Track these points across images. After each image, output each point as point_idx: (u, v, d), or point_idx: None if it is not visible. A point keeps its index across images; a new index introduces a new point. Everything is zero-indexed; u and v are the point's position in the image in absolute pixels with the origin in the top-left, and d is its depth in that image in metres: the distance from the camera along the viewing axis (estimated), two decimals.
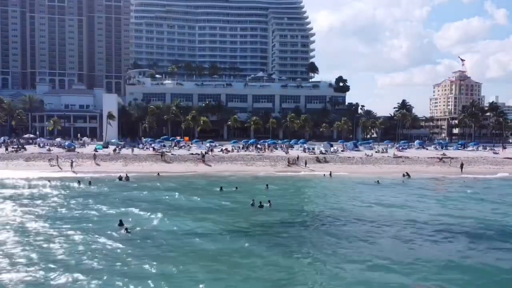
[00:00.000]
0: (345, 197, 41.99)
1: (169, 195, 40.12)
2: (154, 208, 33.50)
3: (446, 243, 26.08)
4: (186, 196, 39.63)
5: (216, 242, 25.07)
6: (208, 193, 41.90)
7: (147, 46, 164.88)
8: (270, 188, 44.67)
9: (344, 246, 24.92)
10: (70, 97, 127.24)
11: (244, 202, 36.72)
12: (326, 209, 35.65)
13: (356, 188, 47.60)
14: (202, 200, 38.00)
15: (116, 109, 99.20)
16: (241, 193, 41.41)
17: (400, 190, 46.14)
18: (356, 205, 37.18)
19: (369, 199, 39.94)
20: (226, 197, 39.45)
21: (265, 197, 36.71)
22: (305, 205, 37.91)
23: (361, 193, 44.05)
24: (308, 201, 40.37)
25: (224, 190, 43.00)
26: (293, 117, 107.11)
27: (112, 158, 64.80)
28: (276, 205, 35.19)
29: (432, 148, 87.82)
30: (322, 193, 45.21)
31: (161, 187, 45.28)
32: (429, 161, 67.61)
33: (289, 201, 38.88)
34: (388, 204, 37.64)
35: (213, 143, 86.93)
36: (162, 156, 65.09)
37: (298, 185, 49.93)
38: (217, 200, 37.99)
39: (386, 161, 67.56)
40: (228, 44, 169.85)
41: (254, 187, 45.65)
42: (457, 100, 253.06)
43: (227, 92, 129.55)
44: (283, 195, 41.46)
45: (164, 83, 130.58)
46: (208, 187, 45.97)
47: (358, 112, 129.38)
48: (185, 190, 42.87)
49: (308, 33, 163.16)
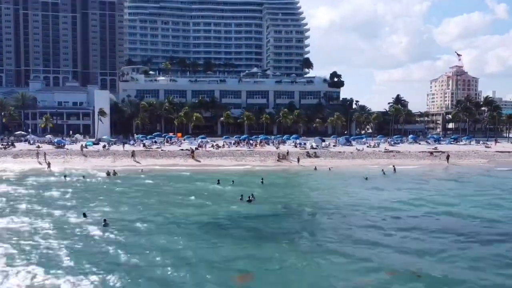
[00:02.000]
0: (328, 190, 42.14)
1: (145, 189, 40.07)
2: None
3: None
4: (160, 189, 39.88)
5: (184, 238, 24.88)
6: (188, 188, 41.76)
7: (141, 42, 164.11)
8: (252, 181, 44.63)
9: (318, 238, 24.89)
10: (63, 94, 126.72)
11: (229, 194, 36.70)
12: (307, 201, 35.82)
13: (340, 180, 47.49)
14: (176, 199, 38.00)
15: (108, 105, 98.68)
16: (227, 185, 41.38)
17: (380, 183, 46.05)
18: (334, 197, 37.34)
19: (347, 190, 40.55)
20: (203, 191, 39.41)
21: (257, 192, 36.78)
22: (286, 199, 37.56)
23: (346, 186, 43.98)
24: (289, 195, 39.68)
25: (208, 185, 42.93)
26: (286, 113, 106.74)
27: (101, 154, 64.50)
28: (259, 199, 35.03)
29: (424, 143, 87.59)
30: (306, 187, 45.16)
31: (141, 182, 45.16)
32: (419, 155, 67.41)
33: (272, 194, 38.69)
34: (360, 196, 38.16)
35: (204, 139, 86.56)
36: (151, 151, 64.85)
37: (284, 179, 49.68)
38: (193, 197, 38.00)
39: (376, 155, 67.34)
40: (223, 40, 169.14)
41: (243, 180, 45.43)
42: (454, 95, 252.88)
43: (221, 88, 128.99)
44: (269, 188, 41.25)
45: (158, 80, 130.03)
46: (189, 181, 45.86)
47: (353, 108, 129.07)
48: (160, 185, 42.99)
49: (303, 29, 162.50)
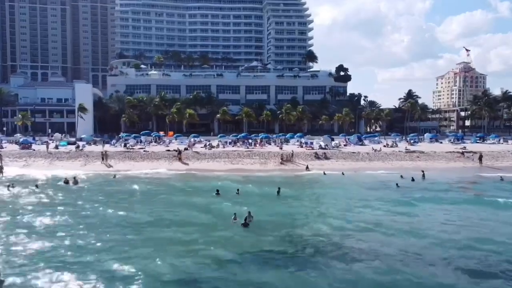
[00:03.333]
0: (353, 207, 30.66)
1: (101, 210, 29.14)
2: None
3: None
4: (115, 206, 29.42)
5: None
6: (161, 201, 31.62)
7: (133, 35, 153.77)
8: (248, 191, 34.51)
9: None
10: (47, 90, 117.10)
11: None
12: (324, 229, 24.14)
13: (363, 190, 37.01)
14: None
15: (91, 101, 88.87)
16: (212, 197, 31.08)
17: (418, 196, 34.19)
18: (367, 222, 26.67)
19: (380, 207, 29.52)
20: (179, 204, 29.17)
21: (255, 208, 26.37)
22: (293, 221, 26.37)
23: (368, 200, 32.89)
24: (297, 216, 27.90)
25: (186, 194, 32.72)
26: (289, 109, 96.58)
27: (71, 156, 54.46)
28: (257, 222, 24.78)
29: (447, 142, 77.45)
30: (319, 199, 34.69)
31: (105, 194, 34.90)
32: (448, 156, 57.16)
33: (272, 215, 27.98)
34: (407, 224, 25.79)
35: (197, 138, 76.67)
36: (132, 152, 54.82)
37: (289, 187, 39.28)
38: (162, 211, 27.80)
39: (397, 156, 57.13)
40: (221, 33, 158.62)
41: (234, 190, 35.24)
42: (462, 93, 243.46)
43: (218, 83, 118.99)
44: (266, 206, 30.93)
45: (149, 74, 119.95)
46: (169, 191, 35.68)
47: (361, 104, 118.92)
48: (128, 200, 32.72)
49: (306, 20, 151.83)
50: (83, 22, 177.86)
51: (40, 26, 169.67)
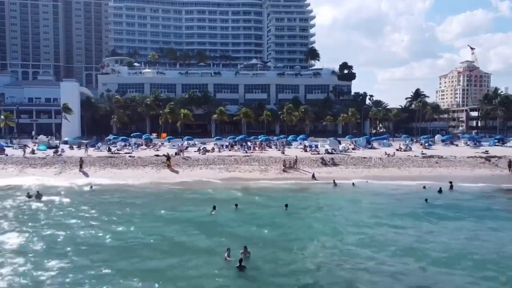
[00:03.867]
0: (386, 240, 23.82)
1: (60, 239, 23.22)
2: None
3: None
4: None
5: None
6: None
7: (127, 32, 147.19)
8: (248, 205, 28.35)
9: None
10: (35, 89, 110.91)
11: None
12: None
13: (387, 210, 30.64)
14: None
15: (77, 100, 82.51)
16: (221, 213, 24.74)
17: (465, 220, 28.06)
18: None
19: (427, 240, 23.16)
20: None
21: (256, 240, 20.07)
22: (307, 262, 19.44)
23: (397, 225, 26.54)
24: (310, 252, 20.85)
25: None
26: (290, 108, 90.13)
27: (46, 162, 48.15)
28: (257, 260, 18.49)
29: (462, 144, 71.17)
30: (333, 223, 27.70)
31: (71, 215, 28.59)
32: (471, 162, 50.88)
33: (276, 246, 21.53)
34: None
35: (191, 140, 70.37)
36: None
37: (295, 202, 32.93)
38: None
39: (414, 162, 50.80)
40: (219, 30, 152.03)
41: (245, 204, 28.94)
42: (467, 92, 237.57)
43: (215, 82, 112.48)
44: (269, 228, 24.63)
45: (143, 72, 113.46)
46: (150, 207, 29.40)
47: (366, 103, 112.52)
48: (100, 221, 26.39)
49: (307, 16, 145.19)
50: (76, 19, 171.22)
51: (31, 23, 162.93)
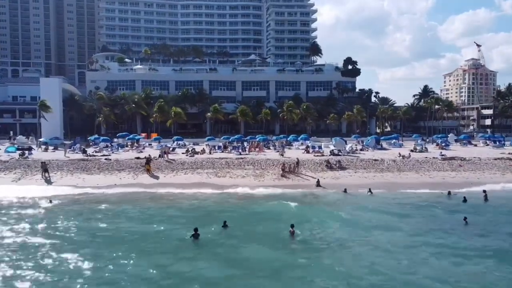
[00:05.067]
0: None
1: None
2: None
3: None
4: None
5: None
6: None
7: (120, 28, 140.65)
8: (241, 223, 21.38)
9: None
10: (19, 88, 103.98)
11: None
12: None
13: (417, 231, 23.71)
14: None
15: (58, 97, 75.73)
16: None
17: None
18: None
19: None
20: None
21: None
22: None
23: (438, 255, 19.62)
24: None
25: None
26: (291, 106, 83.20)
27: (7, 167, 41.42)
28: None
29: (481, 144, 64.30)
30: (354, 257, 20.88)
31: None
32: (499, 165, 43.99)
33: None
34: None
35: (181, 141, 63.58)
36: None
37: (300, 220, 25.92)
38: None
39: (434, 165, 43.90)
40: (216, 25, 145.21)
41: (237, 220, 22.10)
42: (472, 90, 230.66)
43: (211, 79, 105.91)
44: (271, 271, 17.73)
45: (134, 69, 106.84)
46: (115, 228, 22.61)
47: (372, 101, 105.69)
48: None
49: (309, 10, 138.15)
50: (69, 16, 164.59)
51: (21, 20, 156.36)
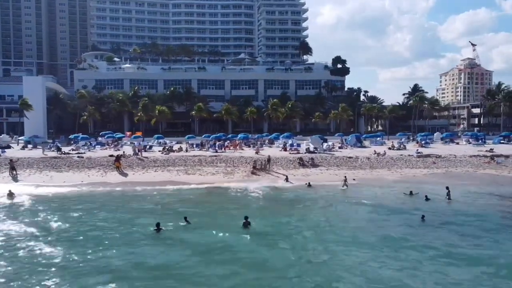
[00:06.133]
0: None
1: None
2: None
3: None
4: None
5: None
6: None
7: (111, 27, 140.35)
8: (201, 218, 21.01)
9: None
10: (6, 87, 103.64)
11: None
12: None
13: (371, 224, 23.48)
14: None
15: (41, 96, 75.36)
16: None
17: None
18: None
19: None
20: None
21: None
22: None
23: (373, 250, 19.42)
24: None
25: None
26: (276, 104, 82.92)
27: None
28: None
29: (464, 142, 63.96)
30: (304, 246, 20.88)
31: None
32: (474, 162, 43.70)
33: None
34: None
35: (162, 139, 63.29)
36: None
37: (261, 213, 25.63)
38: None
39: (407, 162, 43.66)
40: (208, 24, 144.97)
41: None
42: (468, 90, 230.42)
43: (199, 77, 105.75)
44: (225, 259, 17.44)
45: (123, 68, 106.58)
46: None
47: (361, 99, 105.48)
48: None
49: (300, 9, 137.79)
50: (61, 15, 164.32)
51: (12, 19, 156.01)
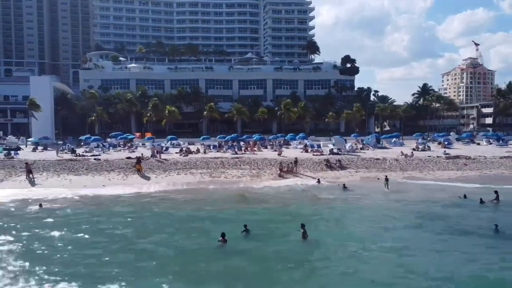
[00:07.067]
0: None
1: None
2: None
3: None
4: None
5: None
6: None
7: (115, 27, 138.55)
8: (260, 227, 19.39)
9: None
10: (10, 87, 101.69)
11: None
12: None
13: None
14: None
15: (49, 96, 73.76)
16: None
17: None
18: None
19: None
20: None
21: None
22: None
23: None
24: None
25: None
26: (289, 105, 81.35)
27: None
28: None
29: (484, 143, 62.56)
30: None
31: None
32: (506, 163, 42.28)
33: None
34: None
35: (175, 141, 61.59)
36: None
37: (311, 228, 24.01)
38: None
39: (438, 164, 42.20)
40: (212, 24, 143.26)
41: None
42: (471, 89, 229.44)
43: (207, 77, 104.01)
44: None
45: (129, 67, 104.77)
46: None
47: (371, 99, 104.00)
48: None
49: (306, 8, 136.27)
50: (63, 14, 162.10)
51: (14, 18, 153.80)
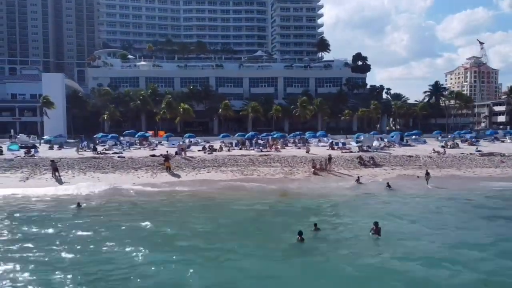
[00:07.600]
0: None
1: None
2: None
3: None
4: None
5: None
6: None
7: (121, 25, 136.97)
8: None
9: None
10: (18, 85, 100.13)
11: None
12: None
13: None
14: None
15: (61, 94, 72.20)
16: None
17: None
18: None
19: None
20: None
21: None
22: None
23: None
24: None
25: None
26: (305, 102, 79.95)
27: (12, 166, 37.87)
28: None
29: (509, 141, 61.31)
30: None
31: None
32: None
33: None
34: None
35: (193, 138, 60.22)
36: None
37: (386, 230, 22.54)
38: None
39: (473, 161, 40.90)
40: (219, 21, 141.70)
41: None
42: (475, 88, 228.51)
43: (217, 75, 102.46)
44: None
45: (138, 65, 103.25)
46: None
47: (384, 97, 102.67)
48: None
49: (315, 5, 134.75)
50: (67, 13, 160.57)
51: (18, 17, 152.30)
